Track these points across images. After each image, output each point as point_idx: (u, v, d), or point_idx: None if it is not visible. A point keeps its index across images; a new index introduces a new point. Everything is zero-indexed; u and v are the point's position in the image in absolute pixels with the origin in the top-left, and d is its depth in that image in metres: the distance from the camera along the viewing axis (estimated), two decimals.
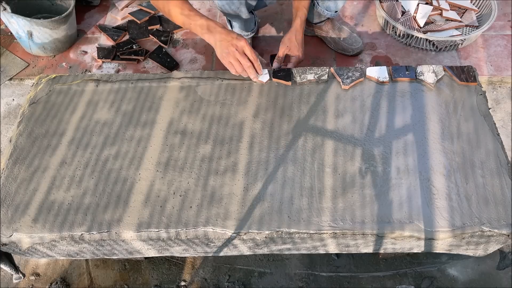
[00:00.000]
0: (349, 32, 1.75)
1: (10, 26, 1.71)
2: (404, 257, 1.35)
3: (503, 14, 1.89)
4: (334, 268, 1.35)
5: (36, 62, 1.82)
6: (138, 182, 1.07)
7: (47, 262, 1.39)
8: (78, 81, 1.30)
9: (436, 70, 1.23)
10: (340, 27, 1.75)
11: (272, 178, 1.06)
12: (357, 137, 1.12)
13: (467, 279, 1.31)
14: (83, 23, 1.97)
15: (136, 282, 1.36)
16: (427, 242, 1.00)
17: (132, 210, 1.03)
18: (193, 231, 1.00)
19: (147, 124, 1.18)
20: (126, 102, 1.24)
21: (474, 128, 1.12)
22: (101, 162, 1.11)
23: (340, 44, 1.73)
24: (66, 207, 1.04)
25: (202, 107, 1.21)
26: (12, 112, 1.70)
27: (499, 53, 1.74)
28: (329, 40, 1.76)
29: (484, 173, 1.04)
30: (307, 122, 1.16)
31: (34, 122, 1.20)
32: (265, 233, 0.99)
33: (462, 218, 0.98)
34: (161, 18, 1.92)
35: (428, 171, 1.05)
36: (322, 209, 1.01)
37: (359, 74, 1.24)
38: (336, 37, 1.73)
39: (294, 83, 1.25)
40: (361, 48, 1.74)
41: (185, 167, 1.09)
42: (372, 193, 1.02)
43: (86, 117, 1.21)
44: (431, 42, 1.72)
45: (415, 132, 1.12)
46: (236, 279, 1.34)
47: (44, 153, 1.14)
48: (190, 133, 1.16)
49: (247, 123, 1.17)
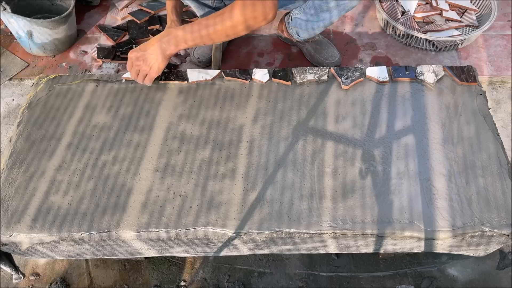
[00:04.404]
0: (327, 45, 1.69)
1: (10, 26, 1.71)
2: (404, 257, 1.35)
3: (503, 14, 1.89)
4: (334, 268, 1.35)
5: (36, 62, 1.82)
6: (138, 182, 1.08)
7: (47, 262, 1.39)
8: (78, 81, 1.30)
9: (436, 70, 1.23)
10: (319, 39, 1.70)
11: (272, 179, 1.06)
12: (357, 137, 1.12)
13: (467, 279, 1.31)
14: (83, 23, 1.96)
15: (136, 282, 1.36)
16: (427, 242, 1.00)
17: (131, 210, 1.03)
18: (193, 232, 1.00)
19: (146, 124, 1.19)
20: (126, 103, 1.24)
21: (474, 128, 1.12)
22: (101, 163, 1.12)
23: (316, 57, 1.68)
24: (66, 207, 1.04)
25: (202, 106, 1.21)
26: (12, 112, 1.70)
27: (499, 53, 1.74)
28: (305, 52, 1.73)
29: (484, 173, 1.04)
30: (307, 122, 1.16)
31: (33, 123, 1.20)
32: (265, 233, 0.99)
33: (462, 218, 0.98)
34: (161, 18, 1.92)
35: (428, 171, 1.05)
36: (322, 210, 1.00)
37: (359, 74, 1.24)
38: (312, 50, 1.69)
39: (294, 83, 1.25)
40: (337, 63, 1.68)
41: (184, 168, 1.10)
42: (372, 194, 1.02)
43: (86, 118, 1.21)
44: (431, 42, 1.72)
45: (415, 132, 1.12)
46: (236, 279, 1.34)
47: (44, 154, 1.14)
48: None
49: (247, 124, 1.17)
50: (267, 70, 1.27)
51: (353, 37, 1.84)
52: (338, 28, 1.87)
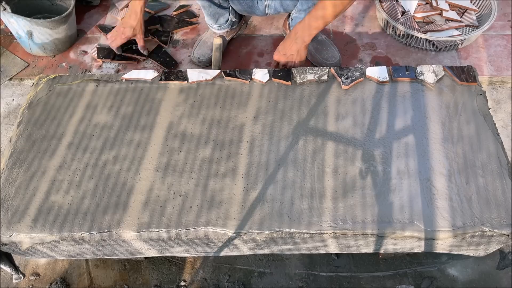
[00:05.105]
0: (328, 45, 1.70)
1: (10, 26, 1.70)
2: (404, 257, 1.35)
3: (503, 14, 1.89)
4: (334, 268, 1.35)
5: (36, 62, 1.82)
6: (138, 182, 1.08)
7: (47, 262, 1.38)
8: (78, 81, 1.30)
9: (436, 70, 1.23)
10: (321, 39, 1.70)
11: (273, 178, 1.06)
12: (357, 137, 1.12)
13: (467, 279, 1.31)
14: (83, 23, 1.96)
15: (136, 282, 1.36)
16: (428, 242, 1.00)
17: (132, 210, 1.03)
18: (194, 231, 1.00)
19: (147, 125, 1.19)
20: (126, 103, 1.24)
21: (474, 128, 1.12)
22: (101, 162, 1.12)
23: (316, 57, 1.68)
24: (67, 207, 1.04)
25: (202, 105, 1.21)
26: (12, 112, 1.70)
27: (499, 53, 1.74)
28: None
29: (484, 173, 1.04)
30: (307, 122, 1.16)
31: (34, 123, 1.20)
32: (265, 233, 0.99)
33: (462, 218, 0.98)
34: (161, 18, 1.92)
35: (428, 171, 1.05)
36: (323, 210, 1.01)
37: (359, 74, 1.24)
38: (312, 49, 1.68)
39: (294, 83, 1.25)
40: (336, 64, 1.67)
41: (185, 167, 1.10)
42: (372, 193, 1.02)
43: (86, 118, 1.21)
44: (431, 42, 1.72)
45: (415, 132, 1.12)
46: (236, 279, 1.34)
47: (44, 153, 1.14)
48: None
49: (248, 124, 1.17)
50: (267, 70, 1.28)
51: (353, 37, 1.84)
52: (338, 28, 1.87)
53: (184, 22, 1.91)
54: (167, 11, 1.97)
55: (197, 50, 1.73)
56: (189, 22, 1.91)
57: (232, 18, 1.68)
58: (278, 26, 1.90)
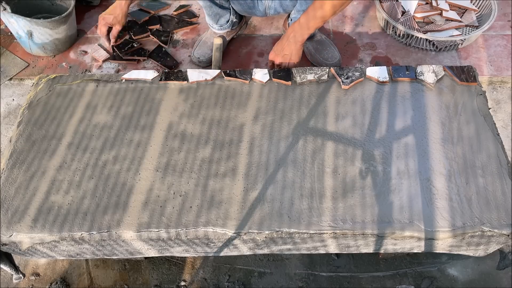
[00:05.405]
0: (328, 45, 1.70)
1: (10, 26, 1.71)
2: (404, 257, 1.35)
3: (503, 14, 1.89)
4: (334, 268, 1.35)
5: (36, 62, 1.82)
6: (138, 182, 1.08)
7: (47, 262, 1.39)
8: (78, 81, 1.30)
9: (436, 70, 1.23)
10: (321, 39, 1.71)
11: (273, 178, 1.06)
12: (357, 137, 1.12)
13: (467, 279, 1.31)
14: (83, 23, 1.96)
15: (136, 282, 1.36)
16: (427, 242, 1.00)
17: (132, 210, 1.03)
18: (194, 231, 1.00)
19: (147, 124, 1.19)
20: (126, 103, 1.24)
21: (474, 128, 1.12)
22: (101, 162, 1.12)
23: (316, 57, 1.69)
24: (67, 207, 1.04)
25: (202, 105, 1.21)
26: (12, 112, 1.70)
27: (499, 53, 1.74)
28: (306, 51, 1.73)
29: (484, 173, 1.04)
30: (307, 122, 1.16)
31: (34, 123, 1.20)
32: (265, 233, 0.99)
33: (462, 218, 0.98)
34: (161, 18, 1.92)
35: (428, 171, 1.05)
36: (322, 209, 1.01)
37: (359, 74, 1.24)
38: (312, 49, 1.69)
39: (294, 83, 1.25)
40: (336, 65, 1.68)
41: (185, 167, 1.10)
42: (372, 193, 1.02)
43: (86, 118, 1.21)
44: (431, 42, 1.72)
45: (415, 132, 1.12)
46: (236, 279, 1.34)
47: (44, 153, 1.14)
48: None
49: (247, 124, 1.17)
50: (267, 70, 1.28)
51: (353, 37, 1.84)
52: (338, 28, 1.87)
53: (184, 22, 1.91)
54: (167, 11, 1.97)
55: (197, 50, 1.73)
56: (189, 22, 1.92)
57: (233, 18, 1.68)
58: (278, 26, 1.90)
